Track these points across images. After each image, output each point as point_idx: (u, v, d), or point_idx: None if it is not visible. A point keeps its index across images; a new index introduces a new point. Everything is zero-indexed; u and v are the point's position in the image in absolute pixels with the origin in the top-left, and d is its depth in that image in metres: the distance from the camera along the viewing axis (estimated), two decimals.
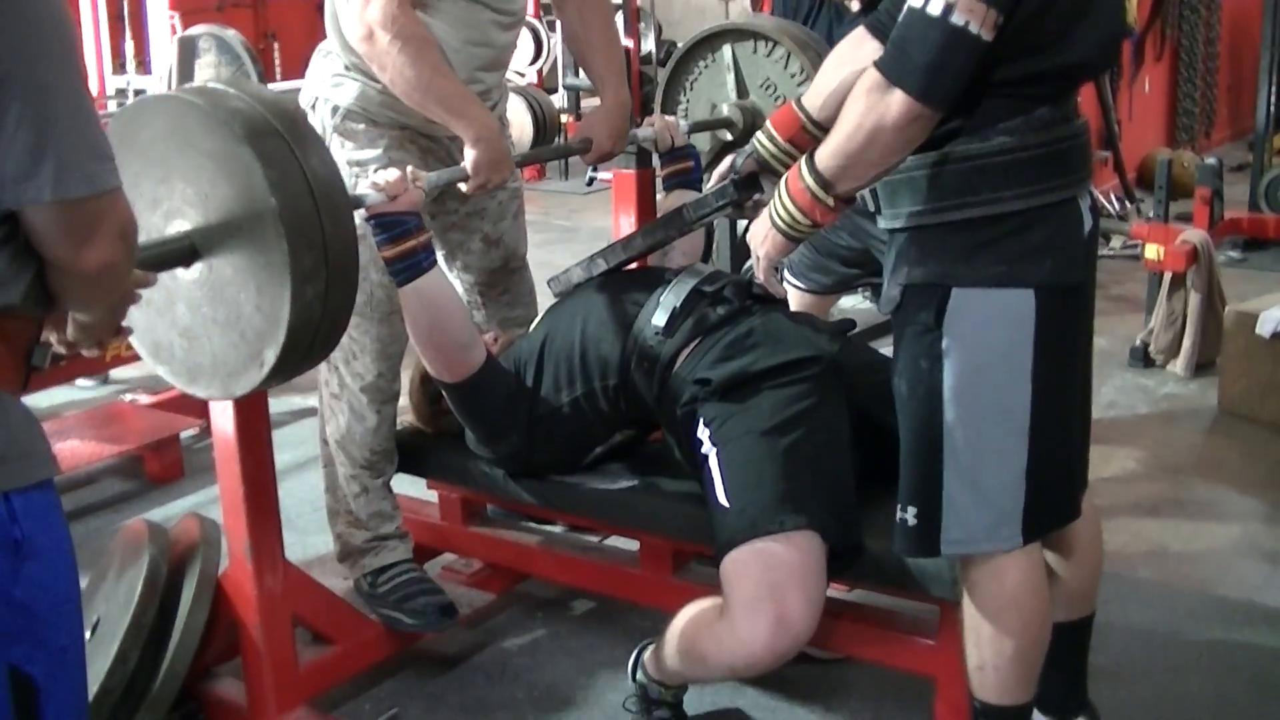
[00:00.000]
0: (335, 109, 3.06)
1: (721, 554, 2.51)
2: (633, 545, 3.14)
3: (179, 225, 2.25)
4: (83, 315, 1.84)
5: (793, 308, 3.98)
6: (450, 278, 3.29)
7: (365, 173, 2.95)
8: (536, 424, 2.91)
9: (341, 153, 3.02)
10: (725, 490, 2.55)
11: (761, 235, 2.47)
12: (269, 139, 2.18)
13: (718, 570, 2.53)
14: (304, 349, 2.32)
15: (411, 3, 2.83)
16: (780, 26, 3.61)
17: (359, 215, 2.62)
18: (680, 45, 3.60)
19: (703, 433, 2.64)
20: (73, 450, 4.41)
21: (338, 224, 2.25)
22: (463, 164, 2.90)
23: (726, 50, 3.35)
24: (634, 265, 3.17)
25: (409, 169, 2.76)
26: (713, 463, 2.60)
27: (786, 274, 4.02)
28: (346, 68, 3.05)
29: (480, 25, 3.02)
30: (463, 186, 2.93)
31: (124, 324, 1.95)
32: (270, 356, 2.26)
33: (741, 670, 2.56)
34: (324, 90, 3.08)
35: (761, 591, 2.43)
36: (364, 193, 2.66)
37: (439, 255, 3.24)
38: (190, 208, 2.24)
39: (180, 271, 2.28)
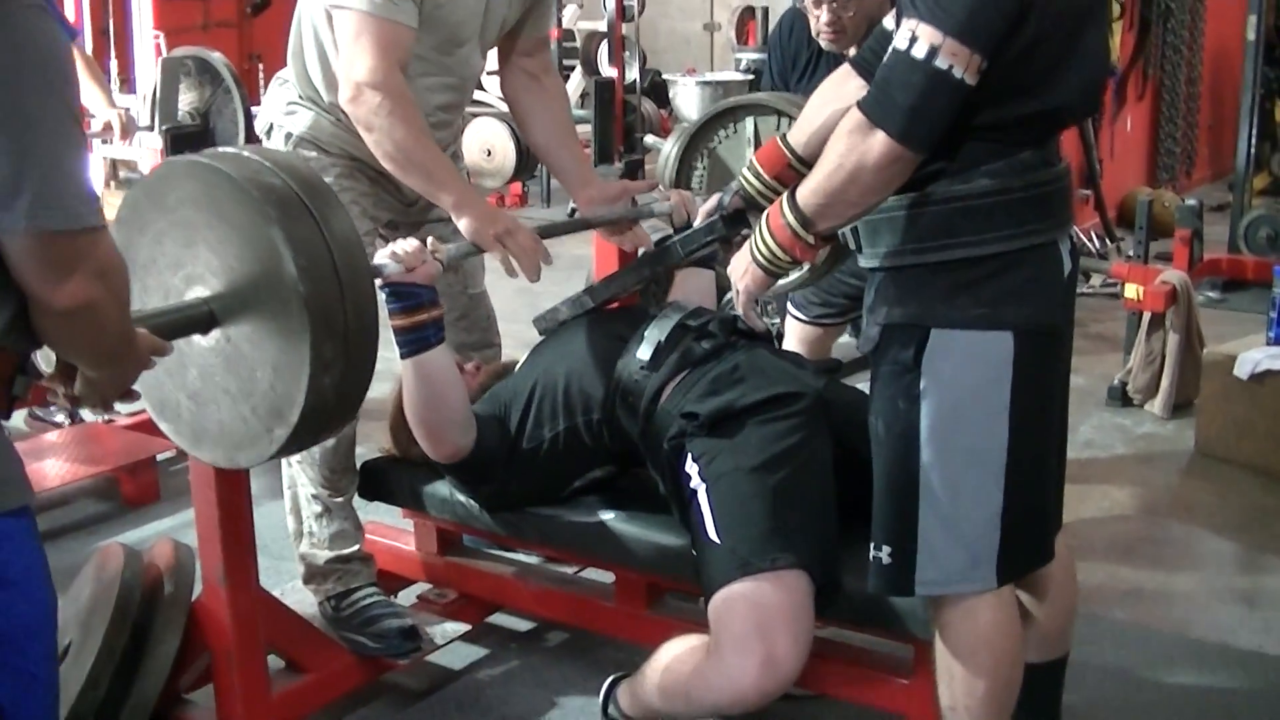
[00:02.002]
0: (289, 135, 3.10)
1: (712, 591, 2.50)
2: (609, 578, 3.14)
3: (198, 291, 2.23)
4: (90, 371, 1.82)
5: (794, 340, 4.01)
6: None
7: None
8: (516, 462, 2.90)
9: None
10: (716, 526, 2.54)
11: (741, 269, 2.48)
12: (300, 222, 2.16)
13: (702, 605, 2.53)
14: (314, 431, 2.32)
15: (400, 64, 2.84)
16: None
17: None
18: (697, 118, 3.55)
19: (691, 468, 2.64)
20: (48, 470, 4.39)
21: (362, 314, 2.23)
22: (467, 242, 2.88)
23: (749, 123, 3.34)
24: (619, 303, 3.17)
25: (429, 240, 2.77)
26: (702, 498, 2.59)
27: (790, 305, 4.02)
28: (300, 97, 3.10)
29: (442, 89, 3.06)
30: (492, 257, 2.93)
31: (134, 388, 1.94)
32: (280, 435, 2.24)
33: (726, 709, 2.54)
34: (278, 118, 3.14)
35: (751, 630, 2.42)
36: (382, 262, 2.67)
37: None
38: (213, 276, 2.22)
39: (196, 337, 2.26)
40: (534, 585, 3.23)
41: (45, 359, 1.87)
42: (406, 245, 2.71)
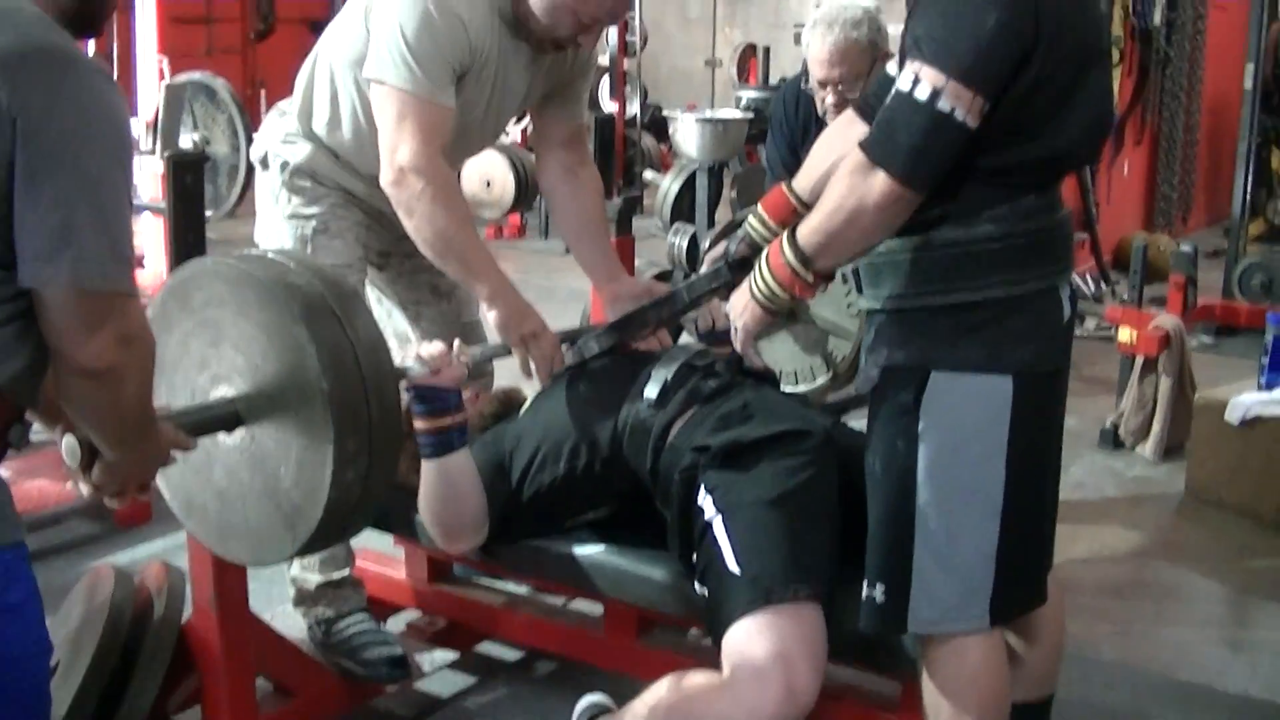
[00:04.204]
0: (285, 165, 3.12)
1: (730, 621, 2.46)
2: (598, 609, 3.14)
3: (224, 390, 2.25)
4: (108, 451, 1.85)
5: None
6: (407, 329, 3.33)
7: (306, 227, 3.04)
8: (518, 506, 2.89)
9: (288, 206, 3.10)
10: (736, 557, 2.51)
11: (740, 307, 2.50)
12: (325, 321, 2.18)
13: (696, 637, 2.50)
14: (339, 527, 2.33)
15: (442, 148, 2.86)
16: None
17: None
18: (741, 213, 3.55)
19: (704, 499, 2.61)
20: (40, 490, 4.37)
21: (385, 410, 2.24)
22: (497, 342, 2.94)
23: None
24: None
25: (456, 343, 2.79)
26: (718, 529, 2.56)
27: None
28: (297, 130, 3.13)
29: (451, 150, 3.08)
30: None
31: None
32: (304, 532, 2.25)
33: None
34: (275, 146, 3.16)
35: (773, 662, 2.39)
36: (408, 365, 2.68)
37: (393, 308, 3.28)
38: (238, 375, 2.23)
39: (222, 435, 2.27)
40: (523, 615, 3.23)
41: (70, 453, 1.90)
42: (432, 349, 2.73)
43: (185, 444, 2.03)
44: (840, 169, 2.23)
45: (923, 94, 2.09)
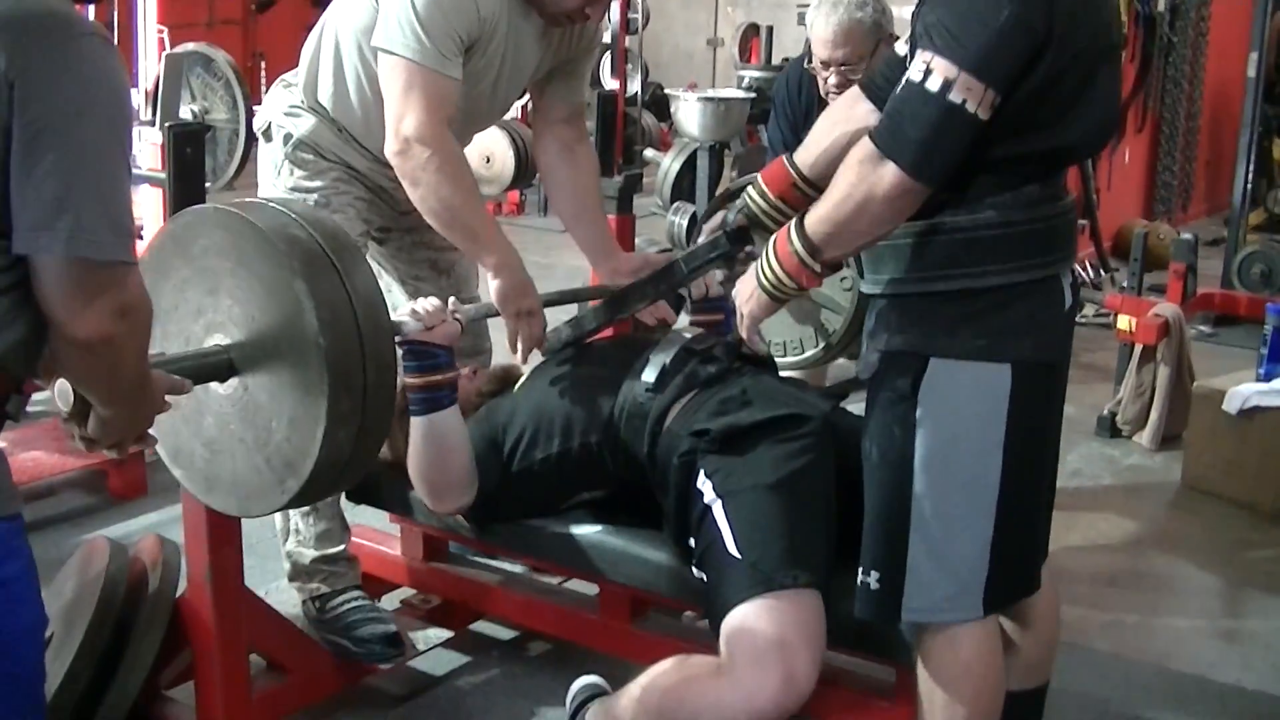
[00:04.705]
0: (288, 137, 3.12)
1: (729, 607, 2.46)
2: (593, 590, 3.14)
3: (218, 339, 2.25)
4: (103, 409, 1.84)
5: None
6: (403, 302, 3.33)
7: (307, 201, 3.01)
8: (508, 481, 2.90)
9: (290, 180, 3.10)
10: (736, 542, 2.51)
11: (747, 294, 2.49)
12: (324, 275, 2.18)
13: (690, 620, 2.50)
14: (328, 484, 2.34)
15: (449, 119, 2.85)
16: None
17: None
18: (736, 180, 3.51)
19: (703, 484, 2.61)
20: (35, 461, 4.38)
21: (381, 371, 2.25)
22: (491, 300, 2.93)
23: None
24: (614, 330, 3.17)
25: (451, 300, 2.80)
26: (718, 514, 2.56)
27: None
28: (302, 103, 3.12)
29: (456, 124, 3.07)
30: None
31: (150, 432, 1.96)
32: (293, 486, 2.26)
33: None
34: (279, 118, 3.15)
35: (772, 647, 2.40)
36: (402, 319, 2.68)
37: (392, 283, 3.27)
38: (235, 326, 2.24)
39: (214, 385, 2.27)
40: (518, 595, 3.23)
41: (63, 398, 1.89)
42: (428, 304, 2.73)
43: (181, 387, 2.02)
44: (849, 158, 2.21)
45: (934, 85, 2.08)
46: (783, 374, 3.11)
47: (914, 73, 2.12)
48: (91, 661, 2.72)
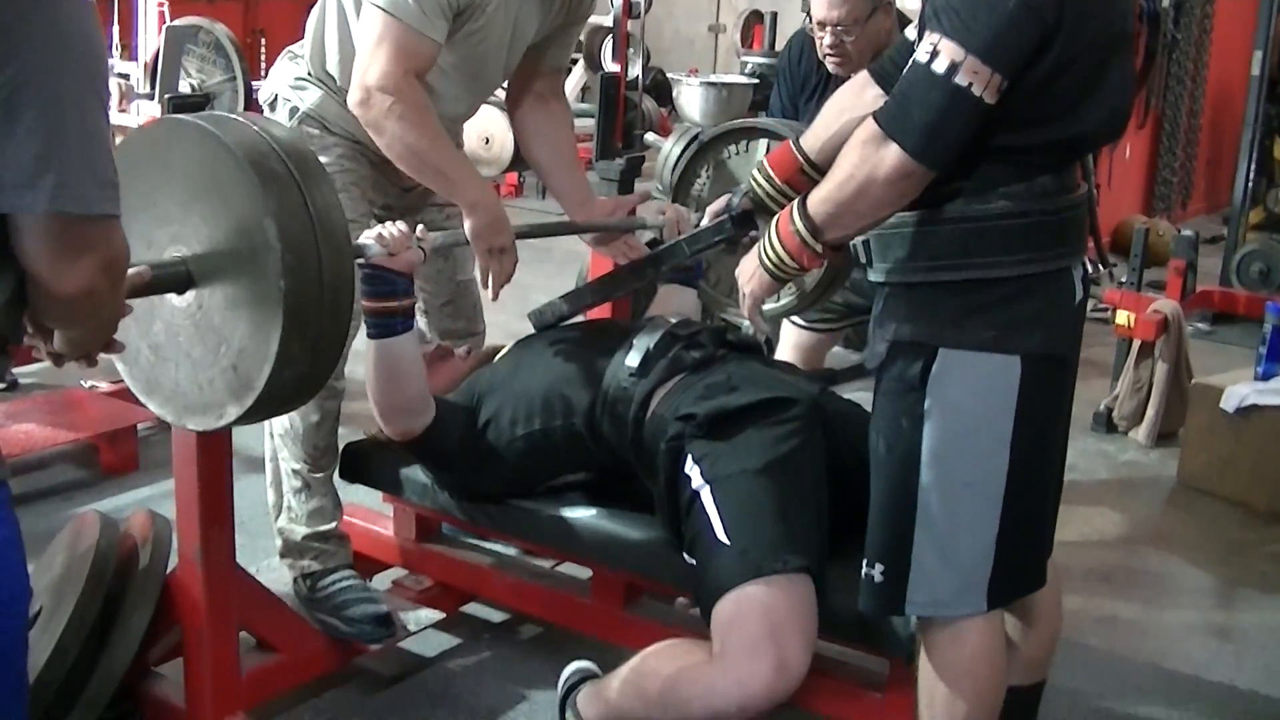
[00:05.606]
0: (294, 110, 3.09)
1: (720, 593, 2.45)
2: (585, 574, 3.12)
3: (179, 251, 2.25)
4: (74, 334, 1.83)
5: (790, 346, 4.00)
6: None
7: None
8: (478, 455, 2.89)
9: None
10: (725, 528, 2.50)
11: (749, 273, 2.47)
12: (297, 219, 2.17)
13: (681, 606, 2.49)
14: (264, 413, 2.38)
15: (415, 72, 2.83)
16: None
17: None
18: (713, 128, 3.50)
19: (691, 469, 2.60)
20: (27, 434, 4.36)
21: (337, 321, 2.27)
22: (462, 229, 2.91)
23: (762, 145, 3.31)
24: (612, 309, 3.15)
25: (419, 228, 2.78)
26: (706, 499, 2.55)
27: None
28: (309, 75, 3.09)
29: (455, 101, 3.07)
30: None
31: (116, 338, 1.94)
32: (232, 413, 2.29)
33: (733, 715, 2.43)
34: (285, 90, 3.12)
35: (764, 633, 2.38)
36: (366, 243, 2.67)
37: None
38: (197, 242, 2.23)
39: (171, 295, 2.27)
40: (510, 577, 3.22)
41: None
42: (394, 229, 2.71)
43: (140, 278, 2.07)
44: (853, 138, 2.19)
45: (940, 67, 2.06)
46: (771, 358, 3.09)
47: (921, 54, 2.09)
48: (80, 636, 2.70)
